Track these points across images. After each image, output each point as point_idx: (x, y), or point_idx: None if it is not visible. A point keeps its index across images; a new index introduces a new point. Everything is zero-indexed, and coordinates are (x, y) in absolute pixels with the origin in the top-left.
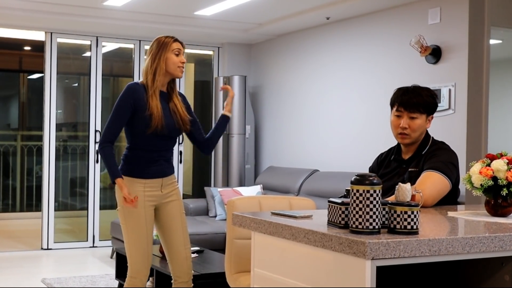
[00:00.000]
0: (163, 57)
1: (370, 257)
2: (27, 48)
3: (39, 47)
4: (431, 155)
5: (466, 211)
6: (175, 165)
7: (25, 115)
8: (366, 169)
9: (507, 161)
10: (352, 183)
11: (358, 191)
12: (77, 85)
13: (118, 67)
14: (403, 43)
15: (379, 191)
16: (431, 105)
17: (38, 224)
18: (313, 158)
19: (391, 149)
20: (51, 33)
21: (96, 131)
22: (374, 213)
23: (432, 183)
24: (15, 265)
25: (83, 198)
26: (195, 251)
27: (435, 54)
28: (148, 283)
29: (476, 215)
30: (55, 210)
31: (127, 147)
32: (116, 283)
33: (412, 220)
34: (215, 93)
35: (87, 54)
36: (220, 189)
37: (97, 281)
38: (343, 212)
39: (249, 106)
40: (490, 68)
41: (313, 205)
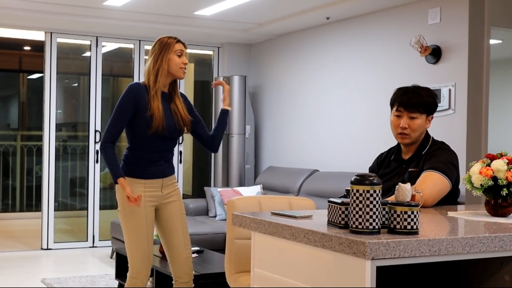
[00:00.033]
0: (166, 58)
1: (370, 257)
2: (27, 48)
3: (39, 47)
4: (431, 155)
5: (466, 211)
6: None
7: (25, 115)
8: (366, 169)
9: (507, 161)
10: (352, 183)
11: (358, 191)
12: (77, 85)
13: (118, 67)
14: (403, 43)
15: (379, 191)
16: (431, 105)
17: (38, 224)
18: (313, 158)
19: (391, 149)
20: (51, 33)
21: (96, 131)
22: (374, 213)
23: (432, 183)
24: (15, 265)
25: (83, 198)
26: (195, 251)
27: (435, 54)
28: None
29: (476, 215)
30: (55, 210)
31: (127, 147)
32: (116, 283)
33: (412, 220)
34: (215, 93)
35: (87, 54)
36: (220, 189)
37: (97, 281)
38: (343, 212)
39: (249, 106)
40: (490, 68)
41: (313, 205)
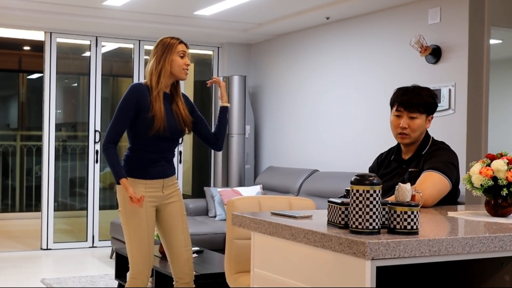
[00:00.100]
0: (168, 59)
1: (370, 257)
2: (27, 48)
3: (38, 47)
4: (431, 155)
5: (466, 211)
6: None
7: (24, 115)
8: (366, 169)
9: (507, 161)
10: (352, 183)
11: (358, 191)
12: (76, 85)
13: (117, 67)
14: (403, 43)
15: (379, 191)
16: (431, 105)
17: (37, 224)
18: (313, 158)
19: (391, 149)
20: (51, 33)
21: (95, 131)
22: (374, 213)
23: (432, 183)
24: (14, 265)
25: (82, 198)
26: (195, 251)
27: (435, 54)
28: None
29: (476, 215)
30: (54, 210)
31: (128, 147)
32: (115, 283)
33: (412, 220)
34: (215, 93)
35: (87, 54)
36: (219, 189)
37: (97, 281)
38: (343, 212)
39: (249, 106)
40: (490, 68)
41: (313, 205)
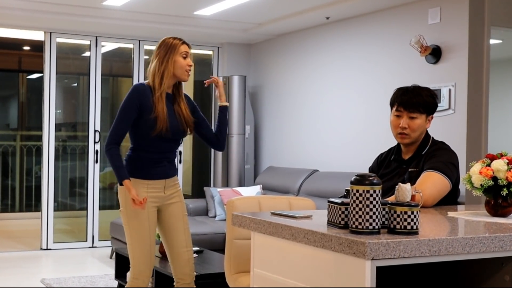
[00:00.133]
0: (171, 60)
1: (370, 257)
2: (27, 48)
3: (38, 47)
4: (431, 155)
5: (466, 211)
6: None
7: (24, 115)
8: (366, 169)
9: (507, 161)
10: (352, 183)
11: (358, 191)
12: (76, 85)
13: (117, 67)
14: (403, 43)
15: (379, 191)
16: (431, 105)
17: (37, 224)
18: (313, 158)
19: (391, 149)
20: (51, 33)
21: (95, 131)
22: (374, 213)
23: (432, 183)
24: (14, 265)
25: (82, 198)
26: (195, 252)
27: (435, 54)
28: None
29: (476, 215)
30: (54, 210)
31: (130, 147)
32: (115, 283)
33: (412, 220)
34: (215, 93)
35: (87, 54)
36: (219, 189)
37: (97, 281)
38: (343, 212)
39: (249, 106)
40: (490, 68)
41: (312, 205)
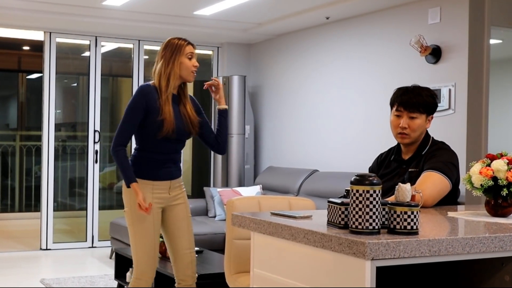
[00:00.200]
0: (177, 62)
1: (370, 258)
2: (26, 48)
3: (38, 47)
4: (431, 155)
5: (466, 211)
6: None
7: (24, 115)
8: (366, 169)
9: (507, 161)
10: (352, 183)
11: (358, 191)
12: (76, 85)
13: (117, 67)
14: (403, 43)
15: (379, 191)
16: (431, 105)
17: (37, 224)
18: (313, 158)
19: (391, 149)
20: (50, 33)
21: (95, 131)
22: (374, 213)
23: (432, 183)
24: (14, 265)
25: (82, 198)
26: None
27: (435, 54)
28: None
29: (476, 215)
30: (54, 210)
31: (135, 148)
32: (115, 283)
33: (412, 220)
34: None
35: (86, 54)
36: (219, 189)
37: (96, 282)
38: (342, 212)
39: (249, 106)
40: (490, 68)
41: (312, 205)
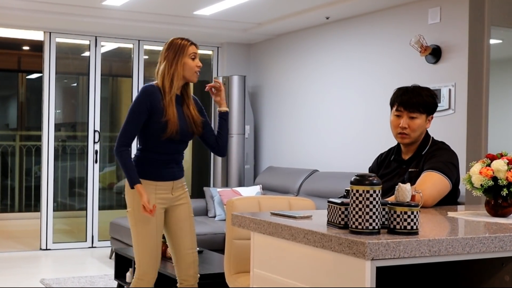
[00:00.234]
0: (181, 62)
1: (370, 258)
2: (26, 48)
3: (38, 47)
4: (431, 155)
5: (466, 211)
6: None
7: (23, 115)
8: (366, 169)
9: (507, 161)
10: (351, 183)
11: (358, 191)
12: (76, 85)
13: (117, 67)
14: (403, 43)
15: (379, 191)
16: (431, 105)
17: (37, 224)
18: (313, 158)
19: (391, 150)
20: (50, 33)
21: (95, 131)
22: (374, 213)
23: (432, 183)
24: (14, 265)
25: (82, 198)
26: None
27: (435, 54)
28: None
29: (476, 215)
30: (54, 210)
31: (139, 148)
32: (115, 283)
33: (412, 220)
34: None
35: (86, 54)
36: (219, 189)
37: (96, 282)
38: (342, 212)
39: (249, 106)
40: (490, 68)
41: (312, 205)
